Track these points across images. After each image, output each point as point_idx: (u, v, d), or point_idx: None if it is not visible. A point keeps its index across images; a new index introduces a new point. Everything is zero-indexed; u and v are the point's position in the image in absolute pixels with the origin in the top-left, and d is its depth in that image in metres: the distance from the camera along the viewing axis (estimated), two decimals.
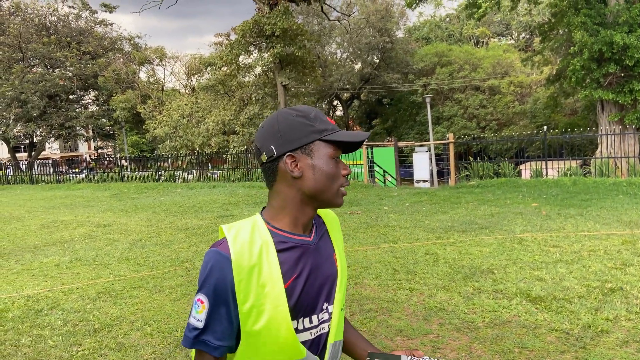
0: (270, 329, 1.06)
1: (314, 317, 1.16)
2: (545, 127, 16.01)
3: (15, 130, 30.59)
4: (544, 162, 13.95)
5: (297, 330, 1.11)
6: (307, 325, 1.15)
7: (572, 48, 15.09)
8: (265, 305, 1.05)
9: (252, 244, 1.07)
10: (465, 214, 8.87)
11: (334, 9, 27.71)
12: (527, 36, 39.29)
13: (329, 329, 1.19)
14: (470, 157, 19.91)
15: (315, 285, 1.15)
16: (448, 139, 16.12)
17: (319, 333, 1.17)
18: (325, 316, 1.18)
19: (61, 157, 44.02)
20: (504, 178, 13.44)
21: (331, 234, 1.26)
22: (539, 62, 23.45)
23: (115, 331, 4.09)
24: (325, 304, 1.18)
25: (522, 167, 16.57)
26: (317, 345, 1.17)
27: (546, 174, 13.68)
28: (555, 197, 10.28)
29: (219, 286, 1.05)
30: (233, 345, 1.09)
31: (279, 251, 1.09)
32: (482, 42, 40.94)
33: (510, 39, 42.83)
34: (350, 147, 1.15)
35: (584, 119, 23.90)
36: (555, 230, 6.97)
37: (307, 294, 1.13)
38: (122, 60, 33.07)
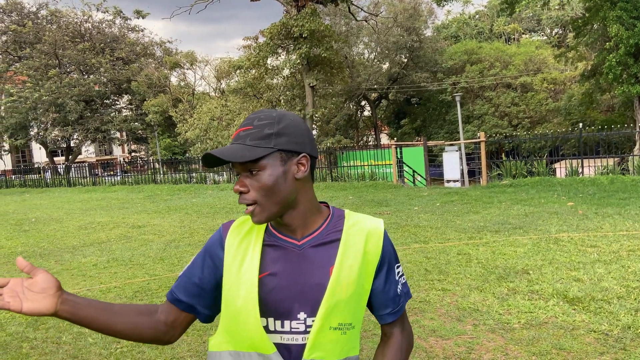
0: (242, 313, 1.13)
1: (286, 323, 1.13)
2: (580, 125, 15.60)
3: (53, 134, 31.65)
4: (579, 160, 13.58)
5: (267, 330, 1.14)
6: (278, 328, 1.14)
7: (608, 43, 14.65)
8: (241, 287, 1.13)
9: (249, 231, 1.19)
10: (498, 213, 8.72)
11: (361, 9, 27.64)
12: (560, 32, 38.33)
13: (305, 342, 1.12)
14: (502, 156, 19.55)
15: (292, 290, 1.12)
16: (479, 137, 15.87)
17: (289, 342, 1.13)
18: (300, 327, 1.12)
19: (97, 160, 45.28)
20: (538, 177, 13.14)
21: (344, 246, 1.13)
22: (573, 58, 22.81)
23: None
24: (303, 314, 1.12)
25: (556, 165, 16.17)
26: (287, 353, 1.13)
27: (582, 173, 13.31)
28: (592, 196, 10.00)
29: (212, 240, 1.23)
30: (186, 304, 1.20)
31: (265, 245, 1.17)
32: (513, 38, 40.15)
33: (542, 35, 41.86)
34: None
35: (621, 115, 23.16)
36: (592, 230, 6.79)
37: (279, 295, 1.12)
38: (154, 65, 33.79)
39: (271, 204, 1.10)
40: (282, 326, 1.13)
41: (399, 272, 1.22)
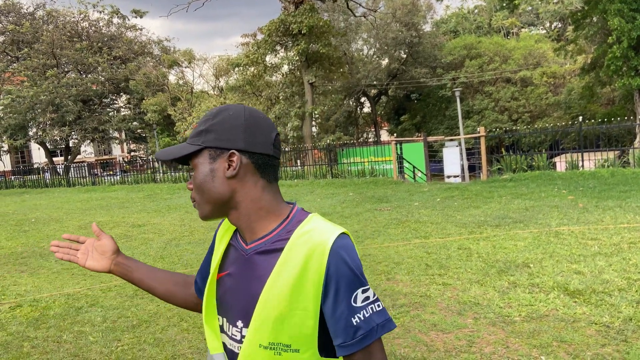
0: (204, 308, 1.16)
1: (231, 328, 1.11)
2: (580, 118, 15.56)
3: (51, 134, 31.62)
4: (579, 154, 13.56)
5: (221, 329, 1.14)
6: (226, 329, 1.13)
7: (610, 37, 14.61)
8: (208, 282, 1.16)
9: (229, 227, 1.18)
10: (499, 208, 8.71)
11: (360, 4, 27.58)
12: (560, 25, 38.24)
13: (238, 353, 1.07)
14: (502, 151, 19.53)
15: (235, 296, 1.09)
16: (479, 132, 15.85)
17: (231, 347, 1.11)
18: (237, 336, 1.09)
19: (96, 160, 45.28)
20: (538, 171, 13.12)
21: (284, 256, 1.01)
22: (573, 51, 22.77)
23: (153, 327, 4.19)
24: (240, 323, 1.08)
25: (556, 159, 16.15)
26: (230, 357, 1.11)
27: (582, 166, 13.29)
28: (592, 189, 9.98)
29: (214, 236, 1.23)
30: (198, 287, 1.27)
31: (229, 244, 1.16)
32: (512, 32, 40.07)
33: (541, 29, 41.78)
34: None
35: (622, 108, 23.12)
36: (593, 223, 6.77)
37: (229, 298, 1.11)
38: (152, 63, 33.74)
39: (204, 202, 1.07)
40: (229, 329, 1.11)
41: (360, 298, 0.98)
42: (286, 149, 20.33)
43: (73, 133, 31.68)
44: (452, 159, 16.39)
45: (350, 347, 0.99)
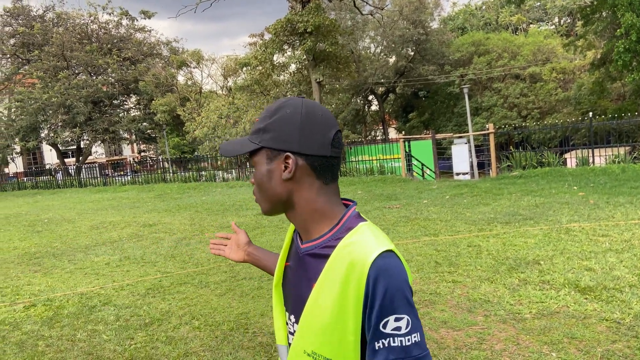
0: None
1: (287, 317, 1.15)
2: (590, 114, 15.42)
3: (63, 135, 31.95)
4: (590, 150, 13.46)
5: (288, 320, 1.15)
6: (286, 318, 1.16)
7: (618, 30, 14.47)
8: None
9: None
10: (508, 205, 8.67)
11: (367, 2, 27.52)
12: (569, 20, 37.90)
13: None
14: (512, 147, 19.42)
15: (291, 288, 1.12)
16: (488, 129, 15.78)
17: (290, 341, 1.13)
18: (290, 328, 1.12)
19: (107, 160, 45.65)
20: (548, 167, 13.04)
21: (330, 265, 0.99)
22: (582, 47, 22.57)
23: (165, 325, 4.24)
24: (292, 317, 1.10)
25: (567, 155, 16.03)
26: (288, 350, 1.13)
27: (593, 162, 13.19)
28: (603, 185, 9.91)
29: None
30: None
31: (292, 238, 1.17)
32: (521, 29, 39.78)
33: (550, 25, 41.43)
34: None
35: (633, 104, 22.87)
36: (604, 219, 6.73)
37: (286, 288, 1.15)
38: (161, 64, 33.93)
39: (263, 200, 1.07)
40: (288, 319, 1.15)
41: (390, 326, 0.92)
42: None
43: (84, 134, 32.00)
44: (461, 156, 16.33)
45: None
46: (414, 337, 0.92)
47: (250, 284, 5.20)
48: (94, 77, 32.48)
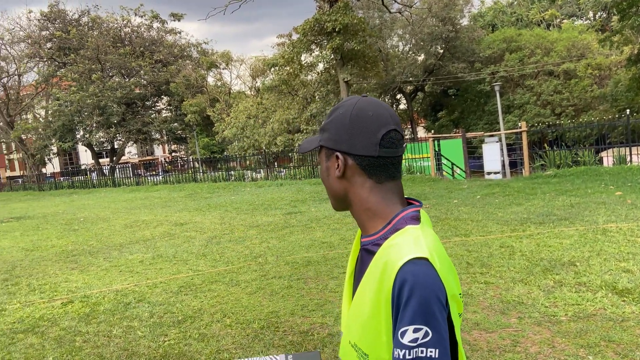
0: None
1: None
2: (628, 111, 14.94)
3: (97, 136, 32.86)
4: (627, 148, 13.04)
5: None
6: None
7: None
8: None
9: None
10: (542, 205, 8.48)
11: (395, 0, 27.34)
12: (604, 15, 36.77)
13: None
14: (545, 146, 18.97)
15: (356, 278, 1.14)
16: (520, 127, 15.46)
17: None
18: None
19: (139, 161, 46.67)
20: (584, 166, 12.68)
21: (373, 263, 1.00)
22: (619, 42, 21.87)
23: (198, 322, 4.31)
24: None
25: (603, 154, 15.57)
26: None
27: (630, 161, 12.77)
28: None
29: None
30: None
31: None
32: (554, 24, 38.81)
33: (584, 20, 40.28)
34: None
35: None
36: None
37: (354, 278, 1.17)
38: (191, 66, 34.51)
39: (328, 194, 1.13)
40: None
41: (408, 337, 0.89)
42: None
43: (118, 135, 32.83)
44: (492, 155, 16.06)
45: None
46: (430, 352, 0.88)
47: (280, 283, 5.24)
48: (127, 79, 33.28)
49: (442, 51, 32.01)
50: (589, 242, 5.64)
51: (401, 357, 0.89)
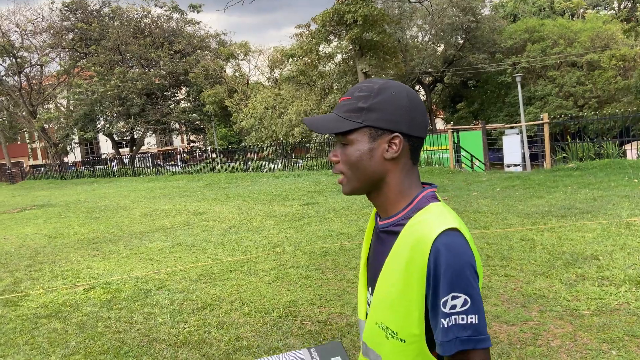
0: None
1: (368, 293, 1.18)
2: None
3: (118, 126, 33.28)
4: None
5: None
6: (368, 295, 1.19)
7: None
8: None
9: None
10: (564, 198, 8.34)
11: None
12: (629, 5, 35.82)
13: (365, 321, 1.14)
14: (567, 138, 18.65)
15: (371, 263, 1.16)
16: (542, 119, 15.20)
17: (368, 311, 1.15)
18: (369, 299, 1.16)
19: (158, 150, 47.17)
20: (607, 159, 12.42)
21: (398, 242, 1.03)
22: None
23: (217, 310, 4.35)
24: (370, 289, 1.15)
25: (627, 147, 15.23)
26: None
27: None
28: None
29: None
30: None
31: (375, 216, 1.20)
32: (578, 14, 37.94)
33: (609, 10, 39.30)
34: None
35: None
36: None
37: (370, 265, 1.18)
38: (209, 56, 34.62)
39: (355, 178, 1.07)
40: (367, 294, 1.19)
41: (448, 305, 0.93)
42: None
43: (137, 125, 33.16)
44: (513, 147, 15.83)
45: (439, 347, 0.96)
46: (471, 318, 0.93)
47: (298, 273, 5.25)
48: (147, 70, 33.55)
49: (462, 42, 31.57)
50: (612, 236, 5.53)
51: (446, 325, 0.93)
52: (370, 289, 1.15)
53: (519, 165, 15.49)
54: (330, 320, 3.92)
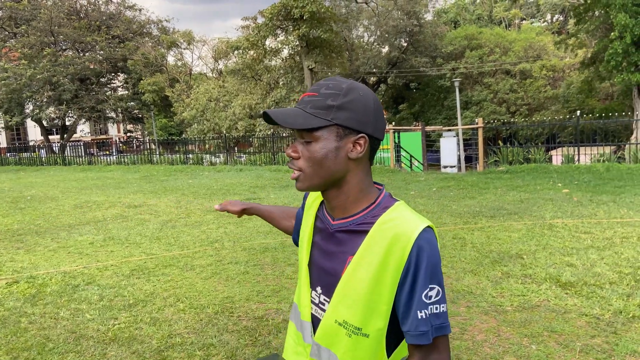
0: (300, 272, 1.24)
1: (311, 290, 1.19)
2: (578, 112, 15.60)
3: (47, 111, 31.41)
4: (576, 148, 13.63)
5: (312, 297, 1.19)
6: (312, 295, 1.19)
7: (613, 33, 14.59)
8: (301, 250, 1.23)
9: (315, 198, 1.26)
10: (494, 199, 8.77)
11: None
12: (561, 18, 38.09)
13: (319, 323, 1.14)
14: (499, 142, 19.58)
15: (319, 263, 1.16)
16: (477, 123, 15.87)
17: (315, 313, 1.18)
18: (315, 299, 1.17)
19: (92, 139, 45.03)
20: (534, 164, 13.19)
21: (369, 240, 1.04)
22: (574, 45, 22.74)
23: (149, 306, 4.23)
24: (319, 289, 1.15)
25: (553, 152, 16.23)
26: (314, 325, 1.18)
27: (578, 160, 13.37)
28: (587, 183, 10.06)
29: (304, 201, 1.33)
30: (294, 238, 1.41)
31: (316, 215, 1.21)
32: (514, 24, 39.87)
33: (542, 21, 41.61)
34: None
35: (620, 104, 23.17)
36: (586, 217, 6.84)
37: (313, 263, 1.19)
38: (150, 44, 33.43)
39: (316, 176, 1.06)
40: (311, 292, 1.19)
41: (428, 296, 1.00)
42: (283, 135, 20.29)
43: (70, 112, 31.48)
44: (449, 149, 16.44)
45: (414, 338, 1.01)
46: (443, 307, 1.02)
47: (236, 269, 5.20)
48: (82, 54, 31.91)
49: (405, 45, 32.33)
50: (536, 236, 5.88)
51: (424, 316, 1.00)
52: (319, 289, 1.15)
53: (454, 166, 16.11)
54: (267, 316, 3.92)
